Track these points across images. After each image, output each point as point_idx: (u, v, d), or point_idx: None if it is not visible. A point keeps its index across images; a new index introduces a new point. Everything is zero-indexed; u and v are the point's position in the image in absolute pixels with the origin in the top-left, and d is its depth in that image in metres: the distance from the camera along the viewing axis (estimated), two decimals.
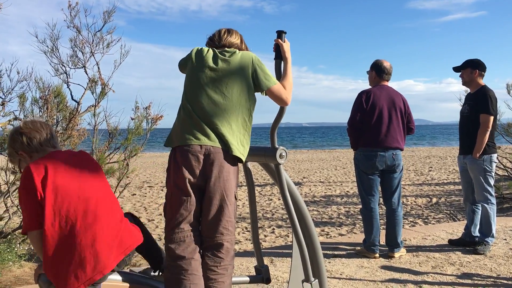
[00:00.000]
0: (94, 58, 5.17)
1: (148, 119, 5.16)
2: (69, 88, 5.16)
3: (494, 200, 4.60)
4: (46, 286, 2.15)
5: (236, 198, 2.48)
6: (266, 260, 4.16)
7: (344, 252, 4.61)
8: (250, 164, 2.84)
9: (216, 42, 2.65)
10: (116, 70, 5.15)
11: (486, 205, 4.56)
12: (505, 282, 3.74)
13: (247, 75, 2.50)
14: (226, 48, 2.60)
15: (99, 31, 5.17)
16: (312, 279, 2.67)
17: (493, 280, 3.80)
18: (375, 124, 4.38)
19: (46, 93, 4.86)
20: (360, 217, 7.16)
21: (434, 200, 8.98)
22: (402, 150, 4.49)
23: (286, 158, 2.62)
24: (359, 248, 4.63)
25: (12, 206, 4.73)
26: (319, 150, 33.30)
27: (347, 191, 10.40)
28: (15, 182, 4.70)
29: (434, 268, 4.11)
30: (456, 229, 5.53)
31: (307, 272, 2.66)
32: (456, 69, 4.79)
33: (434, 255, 4.48)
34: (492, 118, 4.48)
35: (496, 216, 4.70)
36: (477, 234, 4.66)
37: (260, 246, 3.03)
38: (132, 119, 5.13)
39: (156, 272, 2.61)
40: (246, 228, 6.68)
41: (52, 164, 2.21)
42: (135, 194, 10.23)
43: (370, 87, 4.62)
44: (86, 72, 5.16)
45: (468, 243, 4.70)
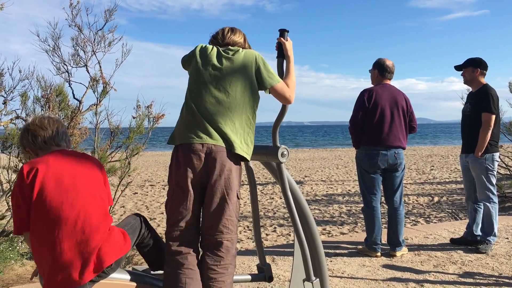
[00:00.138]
0: (96, 57, 5.17)
1: (149, 117, 5.16)
2: (70, 87, 5.17)
3: (496, 199, 4.59)
4: (41, 281, 2.18)
5: (238, 197, 2.47)
6: (268, 259, 4.16)
7: (345, 251, 4.60)
8: (251, 163, 2.84)
9: (219, 40, 2.65)
10: (117, 68, 5.16)
11: (488, 204, 4.55)
12: (507, 281, 3.74)
13: (251, 73, 2.50)
14: (230, 47, 2.60)
15: (100, 29, 5.18)
16: (314, 278, 2.67)
17: (495, 279, 3.79)
18: (377, 123, 4.37)
19: (48, 91, 4.87)
20: (361, 216, 7.16)
21: (436, 199, 8.97)
22: (404, 149, 4.49)
23: (288, 156, 2.62)
24: (360, 247, 4.63)
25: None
26: (320, 149, 33.29)
27: (349, 190, 10.40)
28: None
29: (435, 267, 4.10)
30: (458, 228, 5.52)
31: (309, 271, 2.66)
32: (457, 67, 4.77)
33: (436, 254, 4.47)
34: (493, 116, 4.47)
35: (498, 215, 4.70)
36: (479, 233, 4.66)
37: (262, 245, 3.03)
38: (133, 117, 5.13)
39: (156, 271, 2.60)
40: (248, 226, 6.68)
41: (45, 165, 2.14)
42: (137, 193, 10.25)
43: (373, 85, 4.61)
44: (87, 71, 5.16)
45: (470, 242, 4.69)
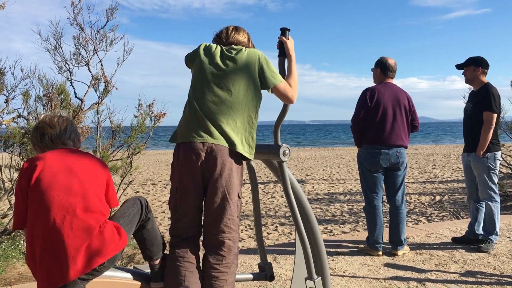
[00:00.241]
0: (97, 55, 5.18)
1: (151, 116, 5.17)
2: (72, 86, 5.18)
3: (498, 198, 4.59)
4: None
5: (239, 197, 2.47)
6: (269, 258, 4.16)
7: (347, 250, 4.60)
8: (253, 162, 2.84)
9: (223, 39, 2.65)
10: (119, 67, 5.17)
11: (490, 203, 4.54)
12: (508, 280, 3.73)
13: (254, 73, 2.50)
14: (233, 46, 2.60)
15: (102, 28, 5.19)
16: (315, 276, 2.67)
17: (496, 278, 3.79)
18: (379, 122, 4.36)
19: (49, 90, 4.88)
20: (363, 214, 7.16)
21: (438, 198, 8.96)
22: (406, 147, 4.48)
23: (290, 155, 2.62)
24: (362, 245, 4.62)
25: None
26: (322, 147, 33.27)
27: (350, 189, 10.40)
28: None
29: (437, 266, 4.10)
30: (460, 227, 5.52)
31: (310, 269, 2.66)
32: (459, 66, 4.76)
33: (438, 253, 4.47)
34: (495, 115, 4.46)
35: (500, 214, 4.69)
36: (480, 232, 4.65)
37: (263, 244, 3.03)
38: (135, 116, 5.14)
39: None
40: (249, 225, 6.68)
41: (43, 161, 2.14)
42: (138, 192, 10.26)
43: (375, 84, 4.61)
44: (89, 69, 5.17)
45: (472, 241, 4.69)
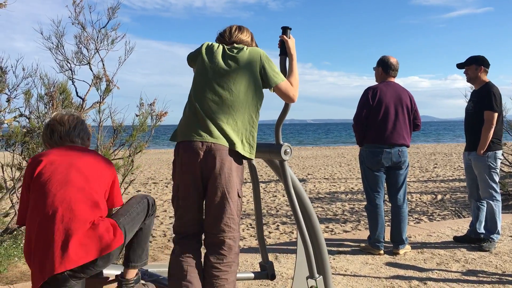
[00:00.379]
0: (99, 54, 5.18)
1: (152, 115, 5.16)
2: (74, 85, 5.18)
3: (499, 197, 4.58)
4: None
5: (239, 196, 2.47)
6: (270, 257, 4.16)
7: (348, 249, 4.60)
8: (254, 161, 2.84)
9: (226, 38, 2.65)
10: (120, 66, 5.16)
11: (491, 201, 4.54)
12: (510, 279, 3.73)
13: (255, 71, 2.50)
14: (235, 45, 2.60)
15: (103, 27, 5.18)
16: (317, 275, 2.67)
17: (498, 277, 3.78)
18: (381, 121, 4.36)
19: (51, 89, 4.88)
20: (364, 213, 7.15)
21: (439, 197, 8.95)
22: (408, 146, 4.47)
23: (291, 154, 2.61)
24: (363, 244, 4.62)
25: (17, 203, 4.75)
26: (323, 146, 33.25)
27: (352, 188, 10.39)
28: (21, 178, 4.72)
29: (439, 265, 4.10)
30: (461, 226, 5.51)
31: (312, 268, 2.66)
32: (460, 65, 4.76)
33: (439, 252, 4.47)
34: (496, 114, 4.46)
35: (502, 213, 4.68)
36: (482, 231, 4.65)
37: (265, 243, 3.03)
38: (136, 115, 5.14)
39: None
40: (251, 224, 6.68)
41: (46, 157, 2.19)
42: (140, 191, 10.26)
43: (377, 83, 4.60)
44: (91, 68, 5.17)
45: (473, 240, 4.68)
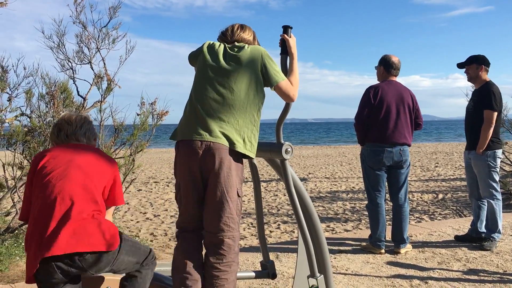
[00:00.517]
0: (100, 53, 5.18)
1: (153, 114, 5.16)
2: (75, 84, 5.18)
3: (499, 196, 4.58)
4: None
5: (239, 195, 2.46)
6: (271, 256, 4.16)
7: (349, 248, 4.60)
8: (255, 160, 2.84)
9: (228, 37, 2.64)
10: (121, 65, 5.17)
11: (491, 201, 4.54)
12: (511, 278, 3.73)
13: (257, 70, 2.49)
14: (236, 43, 2.59)
15: (104, 26, 5.19)
16: (318, 274, 2.67)
17: (499, 276, 3.78)
18: (383, 120, 4.36)
19: (52, 88, 4.88)
20: (365, 212, 7.15)
21: (440, 196, 8.94)
22: (409, 146, 4.47)
23: (292, 153, 2.61)
24: (364, 243, 4.62)
25: (19, 201, 4.76)
26: (324, 146, 33.24)
27: (353, 187, 10.38)
28: (22, 177, 4.72)
29: (440, 264, 4.09)
30: (463, 225, 5.50)
31: (313, 267, 2.66)
32: (460, 65, 4.76)
33: (440, 251, 4.46)
34: (495, 114, 4.46)
35: (503, 212, 4.68)
36: (483, 230, 4.64)
37: (266, 242, 3.03)
38: (138, 114, 5.14)
39: None
40: (252, 223, 6.68)
41: (50, 152, 2.21)
42: (141, 190, 10.27)
43: (378, 82, 4.59)
44: (92, 68, 5.17)
45: (475, 239, 4.68)
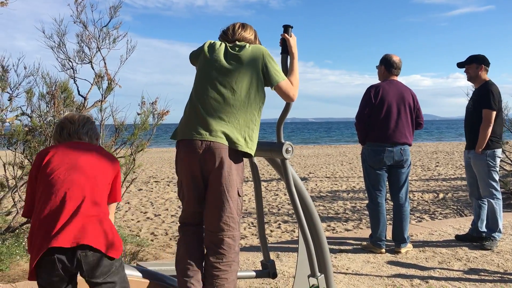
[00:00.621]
0: (101, 53, 5.18)
1: (154, 114, 5.16)
2: (75, 84, 5.18)
3: (499, 195, 4.58)
4: None
5: (239, 195, 2.46)
6: (272, 255, 4.15)
7: (350, 247, 4.60)
8: (256, 159, 2.84)
9: (229, 36, 2.63)
10: (122, 65, 5.16)
11: (491, 200, 4.53)
12: None
13: (258, 70, 2.49)
14: (237, 42, 2.58)
15: (105, 26, 5.18)
16: (318, 274, 2.67)
17: (500, 275, 3.78)
18: (384, 119, 4.35)
19: (53, 88, 4.88)
20: (366, 212, 7.15)
21: (441, 195, 8.94)
22: (410, 145, 4.47)
23: (292, 153, 2.61)
24: (365, 243, 4.62)
25: (19, 201, 4.76)
26: (325, 145, 33.23)
27: (353, 187, 10.38)
28: (23, 177, 4.72)
29: (440, 264, 4.09)
30: (463, 224, 5.50)
31: (313, 267, 2.66)
32: (460, 64, 4.77)
33: (441, 251, 4.46)
34: (494, 113, 4.46)
35: (504, 211, 4.68)
36: (484, 229, 4.64)
37: (266, 241, 3.03)
38: (138, 114, 5.14)
39: None
40: (252, 223, 6.69)
41: (55, 149, 2.21)
42: (142, 189, 10.28)
43: (379, 81, 4.59)
44: (92, 67, 5.17)
45: (475, 239, 4.68)
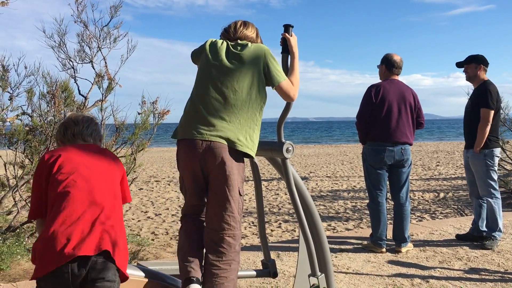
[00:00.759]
0: (101, 53, 5.18)
1: (155, 113, 5.17)
2: (76, 83, 5.19)
3: (498, 194, 4.58)
4: None
5: (240, 194, 2.46)
6: (273, 255, 4.16)
7: (350, 247, 4.60)
8: (256, 159, 2.84)
9: (231, 34, 2.62)
10: (123, 64, 5.17)
11: (490, 199, 4.53)
12: None
13: (259, 69, 2.48)
14: (239, 41, 2.57)
15: (106, 26, 5.19)
16: (319, 273, 2.67)
17: (500, 275, 3.78)
18: (384, 119, 4.35)
19: (53, 87, 4.88)
20: (367, 211, 7.15)
21: (442, 195, 8.94)
22: (411, 145, 4.47)
23: (293, 152, 2.61)
24: (366, 242, 4.62)
25: (20, 200, 4.77)
26: (326, 144, 33.23)
27: (354, 186, 10.38)
28: (23, 176, 4.73)
29: (441, 263, 4.09)
30: (464, 224, 5.50)
31: (314, 266, 2.66)
32: (459, 64, 4.77)
33: (442, 250, 4.46)
34: (492, 112, 4.47)
35: (504, 211, 4.68)
36: (484, 228, 4.64)
37: (267, 241, 3.03)
38: (139, 113, 5.15)
39: None
40: (253, 222, 6.69)
41: (64, 151, 2.18)
42: (142, 189, 10.28)
43: (380, 81, 4.59)
44: (93, 67, 5.18)
45: (476, 238, 4.68)
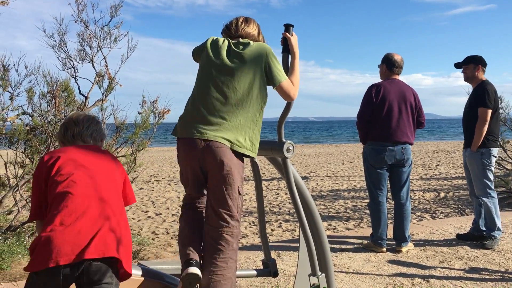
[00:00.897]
0: (102, 52, 5.18)
1: (155, 113, 5.17)
2: (76, 83, 5.19)
3: (494, 194, 4.58)
4: None
5: (240, 193, 2.46)
6: (273, 254, 4.16)
7: (351, 246, 4.60)
8: (257, 158, 2.83)
9: (232, 31, 2.61)
10: (123, 64, 5.17)
11: (486, 199, 4.54)
12: None
13: (261, 69, 2.47)
14: (241, 39, 2.56)
15: (106, 25, 5.19)
16: (319, 273, 2.67)
17: (501, 274, 3.78)
18: (385, 118, 4.35)
19: (54, 87, 4.88)
20: (367, 211, 7.15)
21: (442, 194, 8.93)
22: (411, 144, 4.47)
23: (293, 152, 2.61)
24: (366, 242, 4.62)
25: (21, 200, 4.77)
26: (326, 144, 33.23)
27: (354, 186, 10.38)
28: (24, 176, 4.73)
29: (441, 263, 4.09)
30: (464, 223, 5.50)
31: (314, 266, 2.66)
32: (457, 65, 4.78)
33: (442, 250, 4.46)
34: (489, 111, 4.48)
35: (505, 210, 4.68)
36: (484, 228, 4.64)
37: (267, 240, 3.03)
38: (139, 113, 5.15)
39: None
40: (253, 222, 6.68)
41: (63, 153, 2.17)
42: (143, 188, 10.28)
43: (381, 80, 4.59)
44: (93, 66, 5.18)
45: (476, 238, 4.68)
